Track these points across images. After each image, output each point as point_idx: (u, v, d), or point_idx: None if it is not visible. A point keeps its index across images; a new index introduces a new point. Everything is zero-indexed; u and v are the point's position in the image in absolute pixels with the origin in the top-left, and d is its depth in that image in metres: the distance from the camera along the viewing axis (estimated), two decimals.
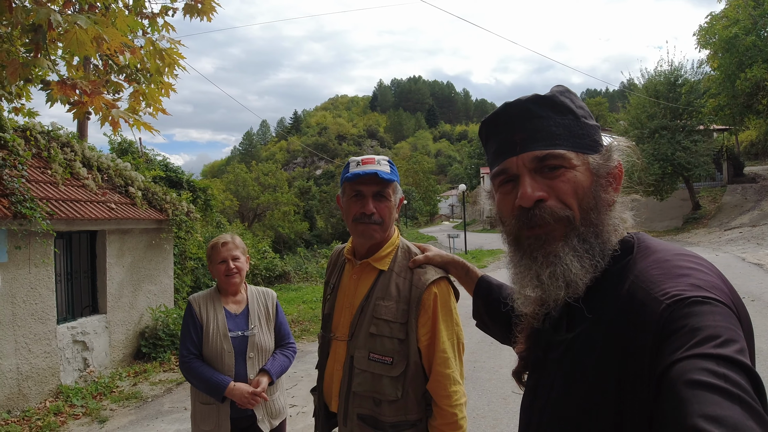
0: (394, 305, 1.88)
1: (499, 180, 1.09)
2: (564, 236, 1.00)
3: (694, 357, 0.72)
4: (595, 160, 1.03)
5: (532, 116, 1.05)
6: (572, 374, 0.96)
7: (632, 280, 0.90)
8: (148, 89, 4.49)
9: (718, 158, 28.97)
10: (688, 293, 0.80)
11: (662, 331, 0.78)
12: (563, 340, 1.02)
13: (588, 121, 1.06)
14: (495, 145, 1.11)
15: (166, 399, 6.38)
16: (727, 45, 22.38)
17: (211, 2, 4.76)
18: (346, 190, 1.99)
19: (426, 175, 72.21)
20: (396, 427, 1.84)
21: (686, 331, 0.75)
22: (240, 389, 2.69)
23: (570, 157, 1.01)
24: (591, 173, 1.02)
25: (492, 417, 5.12)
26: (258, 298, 3.02)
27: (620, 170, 1.06)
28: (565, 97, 1.07)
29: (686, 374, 0.70)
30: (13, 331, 5.89)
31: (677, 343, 0.75)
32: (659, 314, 0.80)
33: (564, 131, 1.03)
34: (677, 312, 0.78)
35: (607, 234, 1.00)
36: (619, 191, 1.05)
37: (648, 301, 0.84)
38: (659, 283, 0.85)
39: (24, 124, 7.19)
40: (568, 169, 1.01)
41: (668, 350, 0.76)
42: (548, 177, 1.01)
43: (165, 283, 8.67)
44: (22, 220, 5.75)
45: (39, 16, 2.56)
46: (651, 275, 0.89)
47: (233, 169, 49.87)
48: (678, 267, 0.88)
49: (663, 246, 0.97)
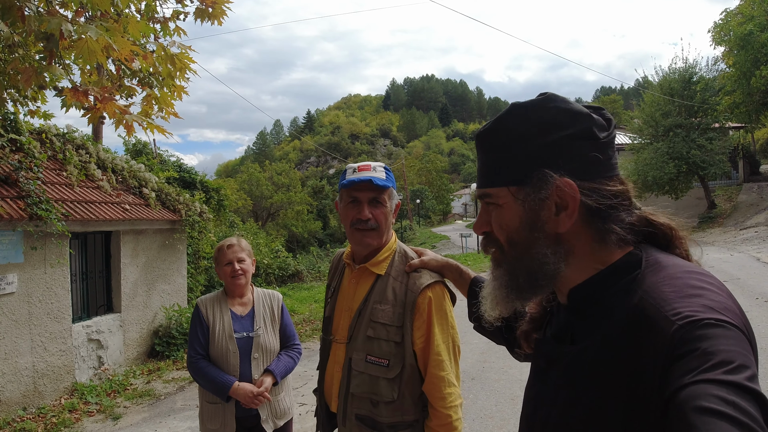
0: (390, 309, 1.94)
1: None
2: (500, 264, 1.07)
3: (704, 382, 0.70)
4: (522, 192, 1.00)
5: (479, 149, 1.10)
6: (577, 389, 0.95)
7: (641, 296, 0.88)
8: (161, 93, 4.57)
9: (734, 156, 28.61)
10: (701, 315, 0.78)
11: (673, 352, 0.76)
12: (567, 352, 1.01)
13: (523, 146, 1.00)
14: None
15: (179, 397, 6.48)
16: (742, 42, 22.08)
17: (221, 6, 4.83)
18: (342, 196, 2.05)
19: (439, 174, 72.02)
20: (393, 427, 1.89)
21: (698, 354, 0.74)
22: (244, 389, 2.74)
23: (498, 194, 1.03)
24: (521, 206, 1.00)
25: (500, 417, 5.14)
26: (264, 300, 3.08)
27: (564, 193, 0.96)
28: (500, 124, 1.04)
29: (696, 400, 0.69)
30: (30, 329, 6.01)
31: (688, 367, 0.73)
32: (671, 335, 0.78)
33: (494, 165, 1.04)
34: (689, 334, 0.76)
35: (548, 264, 0.99)
36: (573, 214, 0.96)
37: (659, 319, 0.81)
38: (671, 301, 0.83)
39: (39, 126, 7.32)
40: (497, 206, 1.04)
41: (678, 373, 0.74)
42: (489, 212, 1.07)
43: (178, 283, 8.79)
44: (38, 221, 5.87)
45: (51, 25, 2.63)
46: (662, 292, 0.86)
47: (247, 169, 50.23)
48: (690, 286, 0.86)
49: (673, 261, 0.94)
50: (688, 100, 24.84)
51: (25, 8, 2.83)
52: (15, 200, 5.86)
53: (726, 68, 24.96)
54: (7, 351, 5.75)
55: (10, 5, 2.80)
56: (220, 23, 4.94)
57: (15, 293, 5.85)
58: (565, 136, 0.97)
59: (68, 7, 4.14)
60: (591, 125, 0.98)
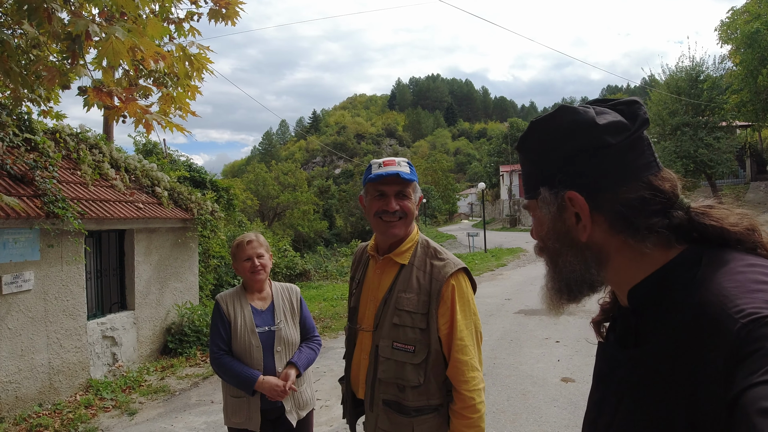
0: (415, 297, 2.01)
1: None
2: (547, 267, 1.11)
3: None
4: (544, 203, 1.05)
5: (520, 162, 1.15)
6: (640, 393, 0.92)
7: (702, 294, 0.84)
8: (177, 93, 4.64)
9: (741, 155, 28.54)
10: (766, 311, 0.74)
11: (737, 352, 0.73)
12: (630, 356, 0.98)
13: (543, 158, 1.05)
14: None
15: (193, 393, 6.56)
16: (748, 40, 22.03)
17: (235, 7, 4.89)
18: (369, 190, 2.12)
19: (445, 174, 72.04)
20: (419, 411, 1.97)
21: (763, 353, 0.71)
22: (269, 382, 2.79)
23: (531, 205, 1.10)
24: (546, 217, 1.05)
25: (511, 412, 5.19)
26: (282, 294, 3.13)
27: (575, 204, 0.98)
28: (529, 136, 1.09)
29: (760, 402, 0.66)
30: (45, 326, 6.10)
31: (753, 367, 0.70)
32: (735, 334, 0.74)
33: (526, 178, 1.11)
34: (754, 332, 0.73)
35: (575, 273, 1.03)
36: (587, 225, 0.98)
37: (722, 317, 0.78)
38: (734, 297, 0.79)
39: (53, 126, 7.40)
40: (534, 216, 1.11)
41: (742, 374, 0.71)
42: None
43: (190, 281, 8.87)
44: (54, 219, 5.95)
45: (78, 27, 2.69)
46: (724, 288, 0.82)
47: (253, 169, 50.32)
48: (753, 281, 0.82)
49: (734, 255, 0.91)
50: (695, 99, 24.78)
51: (51, 9, 2.90)
52: (32, 198, 5.94)
53: (733, 67, 24.90)
54: (24, 348, 5.83)
55: (37, 6, 2.86)
56: (233, 23, 5.02)
57: (31, 290, 5.93)
58: (574, 148, 0.98)
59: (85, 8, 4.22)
60: (600, 134, 0.96)
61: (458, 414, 1.97)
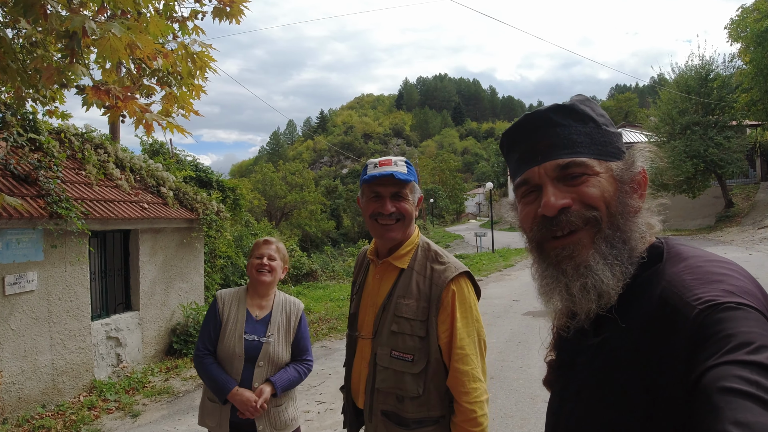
0: (414, 303, 1.93)
1: (522, 191, 1.09)
2: (592, 243, 0.99)
3: (727, 364, 0.72)
4: (618, 166, 1.03)
5: (553, 125, 1.05)
6: (602, 379, 0.96)
7: (664, 286, 0.90)
8: (180, 92, 4.58)
9: (752, 154, 28.30)
10: (722, 299, 0.80)
11: (695, 336, 0.78)
12: (591, 344, 1.02)
13: (609, 128, 1.07)
14: (516, 155, 1.11)
15: (197, 394, 6.50)
16: (758, 38, 21.84)
17: (239, 5, 4.83)
18: (364, 191, 2.05)
19: (452, 174, 71.97)
20: (419, 423, 1.89)
21: (720, 337, 0.76)
22: (242, 396, 2.66)
23: (593, 164, 1.01)
24: (615, 180, 1.02)
25: (520, 417, 5.10)
26: (283, 307, 2.99)
27: (644, 176, 1.05)
28: (585, 105, 1.07)
29: (719, 381, 0.71)
30: (49, 327, 6.06)
31: (710, 350, 0.75)
32: (692, 320, 0.80)
33: (586, 139, 1.04)
34: (710, 317, 0.79)
35: (635, 241, 1.00)
36: (644, 198, 1.04)
37: (681, 305, 0.84)
38: (692, 288, 0.85)
39: (58, 126, 7.38)
40: (592, 176, 1.01)
41: (701, 357, 0.76)
42: (572, 185, 1.01)
43: (196, 281, 8.83)
44: (57, 219, 5.92)
45: (74, 23, 2.63)
46: (683, 280, 0.88)
47: (261, 169, 50.41)
48: (711, 273, 0.88)
49: (694, 252, 0.97)
50: (705, 98, 24.54)
51: (47, 6, 2.84)
52: (35, 199, 5.91)
53: (743, 65, 24.68)
54: (27, 348, 5.80)
55: (33, 2, 2.80)
56: (238, 22, 4.94)
57: (35, 291, 5.90)
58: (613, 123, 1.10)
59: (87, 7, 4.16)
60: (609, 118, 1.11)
61: (459, 427, 1.88)
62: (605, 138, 1.05)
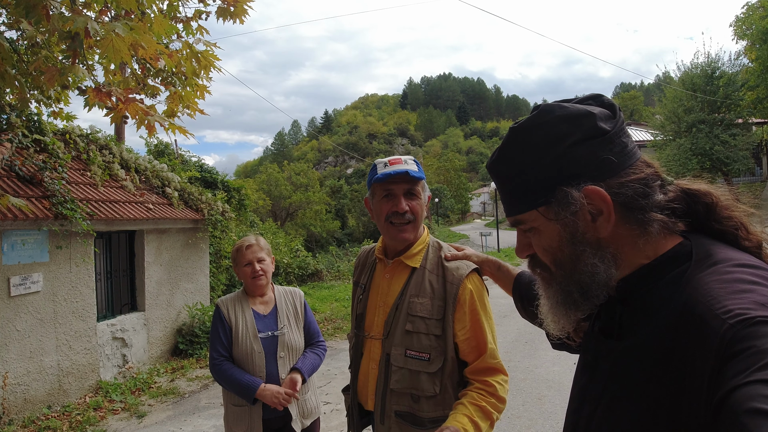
0: (429, 302, 1.92)
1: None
2: (551, 284, 1.06)
3: (756, 383, 0.67)
4: (551, 211, 0.97)
5: (496, 179, 1.09)
6: (623, 386, 0.93)
7: (690, 292, 0.85)
8: (185, 92, 4.57)
9: (758, 152, 28.14)
10: (753, 312, 0.75)
11: (724, 352, 0.74)
12: (613, 348, 0.99)
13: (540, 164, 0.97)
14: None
15: (203, 395, 6.49)
16: (764, 36, 21.67)
17: (243, 5, 4.81)
18: (376, 191, 2.02)
19: (457, 173, 71.86)
20: (435, 422, 1.87)
21: (750, 354, 0.71)
22: (270, 390, 2.68)
23: (529, 218, 1.03)
24: (555, 225, 0.98)
25: (527, 417, 5.06)
26: (285, 298, 3.03)
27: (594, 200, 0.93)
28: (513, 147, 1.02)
29: (748, 402, 0.66)
30: (55, 328, 6.06)
31: (739, 367, 0.71)
32: (722, 335, 0.75)
33: (517, 192, 1.03)
34: (741, 332, 0.73)
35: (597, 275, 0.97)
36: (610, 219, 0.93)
37: (709, 317, 0.79)
38: (721, 298, 0.80)
39: (63, 127, 7.38)
40: (534, 229, 1.03)
41: (730, 374, 0.71)
42: (527, 236, 1.07)
43: (201, 281, 8.83)
44: (63, 220, 5.91)
45: (76, 24, 2.61)
46: (711, 288, 0.83)
47: (266, 169, 50.40)
48: (740, 281, 0.83)
49: (723, 254, 0.91)
50: (710, 96, 24.41)
51: (50, 6, 2.82)
52: (40, 200, 5.90)
53: (749, 63, 24.53)
54: (33, 349, 5.80)
55: (34, 3, 2.79)
56: (242, 22, 4.93)
57: (40, 292, 5.89)
58: (573, 143, 0.95)
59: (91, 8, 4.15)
60: (595, 122, 0.95)
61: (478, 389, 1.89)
62: (531, 185, 0.99)
